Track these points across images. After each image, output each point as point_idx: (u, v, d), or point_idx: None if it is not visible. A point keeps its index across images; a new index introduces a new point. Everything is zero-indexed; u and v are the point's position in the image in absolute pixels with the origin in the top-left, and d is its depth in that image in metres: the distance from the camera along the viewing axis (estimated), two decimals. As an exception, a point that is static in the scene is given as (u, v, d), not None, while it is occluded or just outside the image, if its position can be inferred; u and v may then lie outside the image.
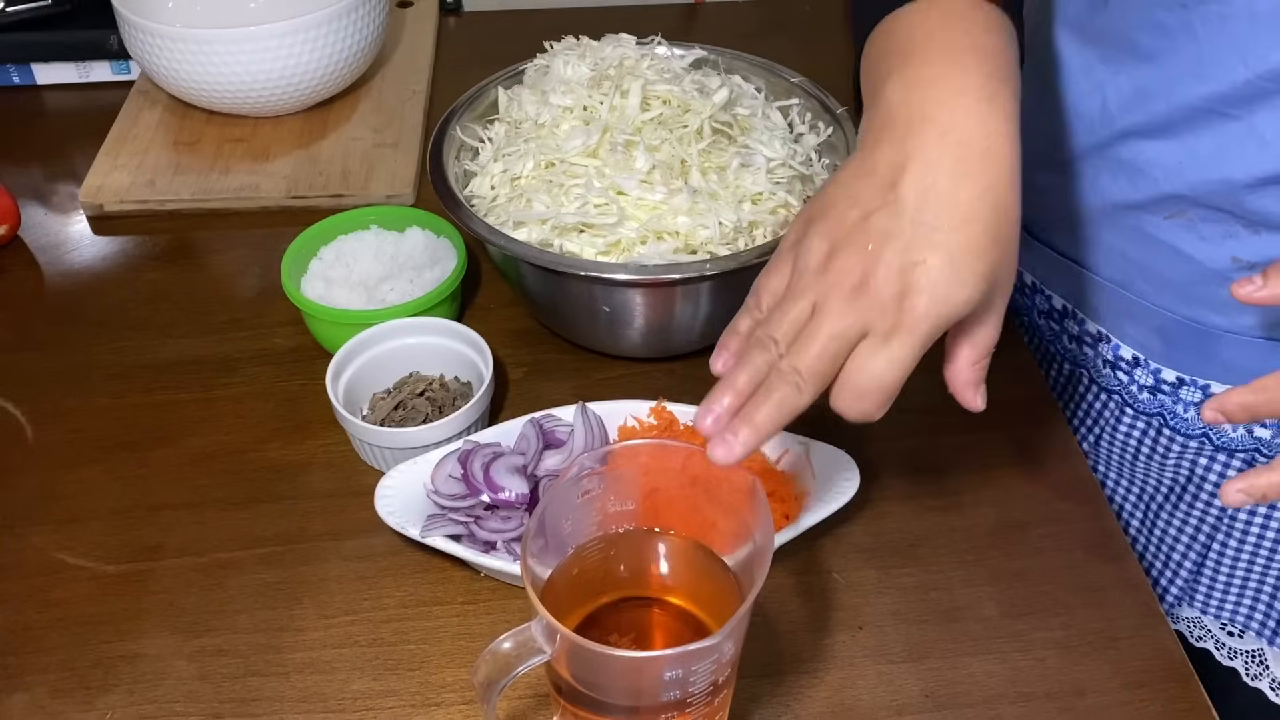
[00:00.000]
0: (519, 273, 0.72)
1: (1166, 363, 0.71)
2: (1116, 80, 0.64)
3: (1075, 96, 0.67)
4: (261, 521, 0.67)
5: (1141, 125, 0.64)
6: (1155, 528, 0.78)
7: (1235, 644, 0.78)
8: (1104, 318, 0.73)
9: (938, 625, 0.62)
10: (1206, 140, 0.61)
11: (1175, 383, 0.71)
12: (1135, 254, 0.68)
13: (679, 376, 0.76)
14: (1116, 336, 0.73)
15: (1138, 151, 0.64)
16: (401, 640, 0.61)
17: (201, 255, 0.87)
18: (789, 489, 0.64)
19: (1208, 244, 0.64)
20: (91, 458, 0.71)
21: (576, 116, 0.76)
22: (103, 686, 0.59)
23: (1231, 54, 0.57)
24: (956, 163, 0.48)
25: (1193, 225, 0.64)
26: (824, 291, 0.48)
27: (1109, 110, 0.65)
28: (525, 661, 0.46)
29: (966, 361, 0.52)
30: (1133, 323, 0.71)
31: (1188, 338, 0.68)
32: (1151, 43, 0.61)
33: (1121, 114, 0.64)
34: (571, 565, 0.51)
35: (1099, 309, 0.73)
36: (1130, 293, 0.69)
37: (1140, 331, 0.71)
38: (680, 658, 0.44)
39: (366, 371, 0.71)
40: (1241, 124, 0.59)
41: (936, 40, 0.50)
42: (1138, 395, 0.73)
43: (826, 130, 0.79)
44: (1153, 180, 0.64)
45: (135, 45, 0.92)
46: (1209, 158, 0.61)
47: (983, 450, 0.71)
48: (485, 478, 0.63)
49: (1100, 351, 0.75)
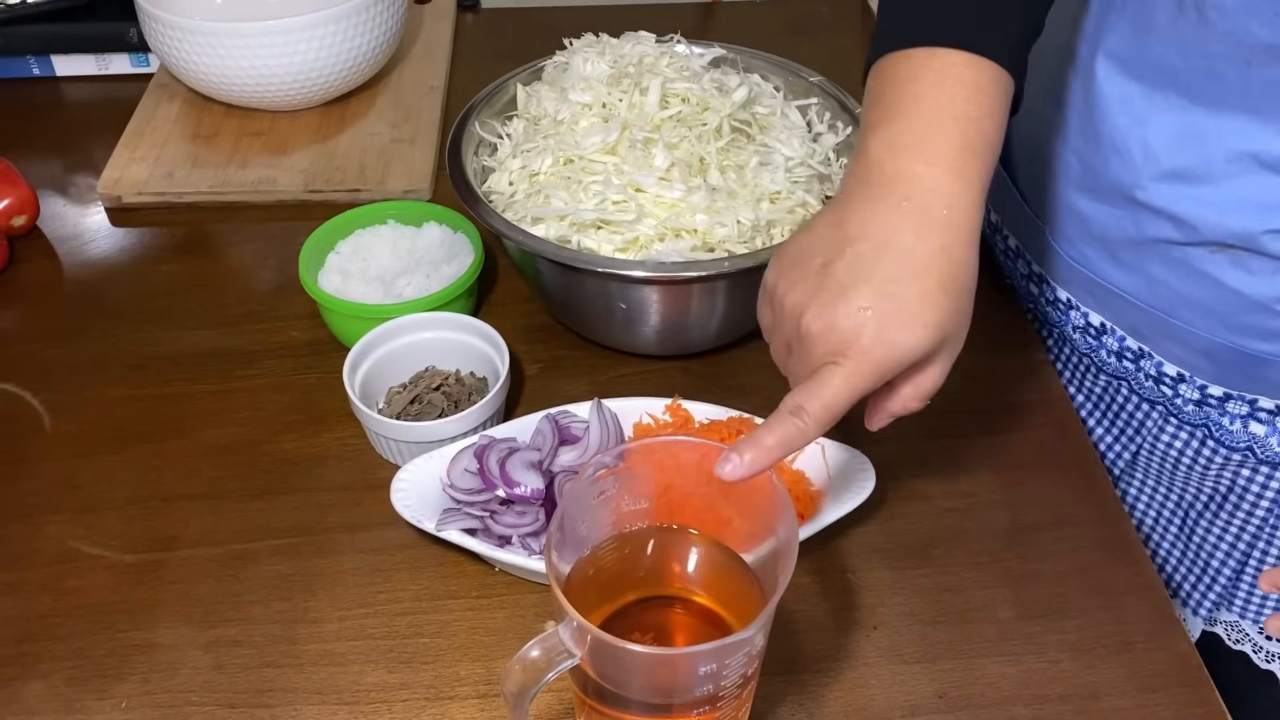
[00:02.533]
0: (536, 269, 0.72)
1: (1214, 380, 0.69)
2: (1160, 118, 0.63)
3: (1115, 129, 0.65)
4: (277, 513, 0.67)
5: (1184, 170, 0.63)
6: (1195, 535, 0.77)
7: (1274, 647, 0.77)
8: (1146, 337, 0.71)
9: (952, 626, 0.62)
10: (1254, 192, 0.60)
11: (1222, 397, 0.70)
12: (1178, 284, 0.66)
13: (695, 374, 0.76)
14: (1159, 354, 0.71)
15: (1180, 195, 0.63)
16: (416, 633, 0.61)
17: (219, 248, 0.87)
18: (804, 488, 0.64)
19: (1255, 278, 0.63)
20: (108, 448, 0.71)
21: (596, 113, 0.76)
22: (118, 675, 0.59)
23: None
24: (918, 225, 0.51)
25: (1240, 260, 0.63)
26: (793, 333, 0.53)
27: (1151, 149, 0.64)
28: (555, 667, 0.46)
29: (902, 398, 0.55)
30: (1177, 344, 0.69)
31: (1235, 360, 0.67)
32: (1204, 88, 0.60)
33: (1165, 155, 0.63)
34: (588, 565, 0.51)
35: (1140, 330, 0.71)
36: (1173, 319, 0.68)
37: (1185, 352, 0.69)
38: (715, 652, 0.45)
39: (383, 365, 0.71)
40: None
41: (924, 105, 0.53)
42: (1183, 408, 0.72)
43: (845, 130, 0.79)
44: (1192, 227, 0.63)
45: (155, 38, 0.92)
46: (1255, 210, 0.60)
47: (997, 452, 0.71)
48: (501, 472, 0.63)
49: (1142, 366, 0.73)
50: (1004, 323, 0.80)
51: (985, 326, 0.79)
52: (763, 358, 0.77)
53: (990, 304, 0.81)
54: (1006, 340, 0.79)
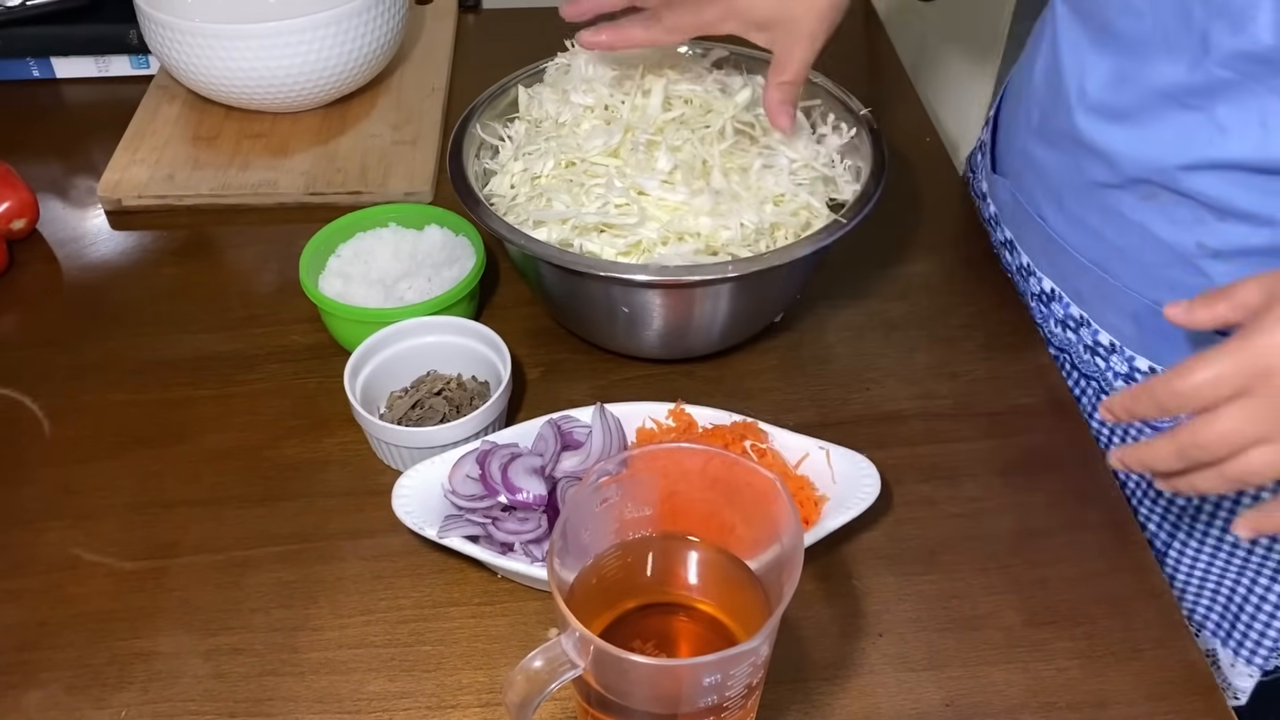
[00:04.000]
0: (538, 272, 0.72)
1: (1139, 349, 0.72)
2: (1098, 60, 0.67)
3: (1065, 71, 0.70)
4: (278, 519, 0.67)
5: (1113, 107, 0.67)
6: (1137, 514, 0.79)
7: None
8: (1086, 301, 0.75)
9: (959, 633, 0.61)
10: (1169, 129, 0.63)
11: (1147, 371, 0.73)
12: (1112, 235, 0.70)
13: (698, 378, 0.75)
14: (1096, 322, 0.74)
15: (1111, 133, 0.67)
16: (418, 641, 0.61)
17: (219, 251, 0.86)
18: (809, 494, 0.64)
19: (1177, 228, 0.66)
20: (108, 453, 0.71)
21: (598, 115, 0.75)
22: (118, 684, 0.59)
23: (1193, 40, 0.60)
24: None
25: (1164, 209, 0.66)
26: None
27: (1086, 89, 0.68)
28: (558, 678, 0.46)
29: None
30: (1110, 307, 0.73)
31: (1159, 324, 0.69)
32: (1125, 25, 0.65)
33: (1098, 93, 0.67)
34: (591, 574, 0.51)
35: (1081, 293, 0.75)
36: (1108, 275, 0.71)
37: (1116, 317, 0.73)
38: (720, 663, 0.44)
39: (384, 370, 0.71)
40: (1202, 114, 0.62)
41: None
42: (1113, 383, 0.75)
43: (849, 131, 0.78)
44: (1120, 166, 0.67)
45: (155, 40, 0.92)
46: (1171, 145, 0.64)
47: (1003, 456, 0.71)
48: (503, 479, 0.62)
49: (1081, 336, 0.76)
50: (1009, 326, 0.80)
51: (990, 330, 0.79)
52: (767, 361, 0.77)
53: (995, 307, 0.81)
54: (1012, 344, 0.78)
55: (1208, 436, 0.52)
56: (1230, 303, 0.53)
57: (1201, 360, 0.51)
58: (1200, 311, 0.54)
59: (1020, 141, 0.77)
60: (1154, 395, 0.53)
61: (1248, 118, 0.60)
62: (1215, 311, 0.54)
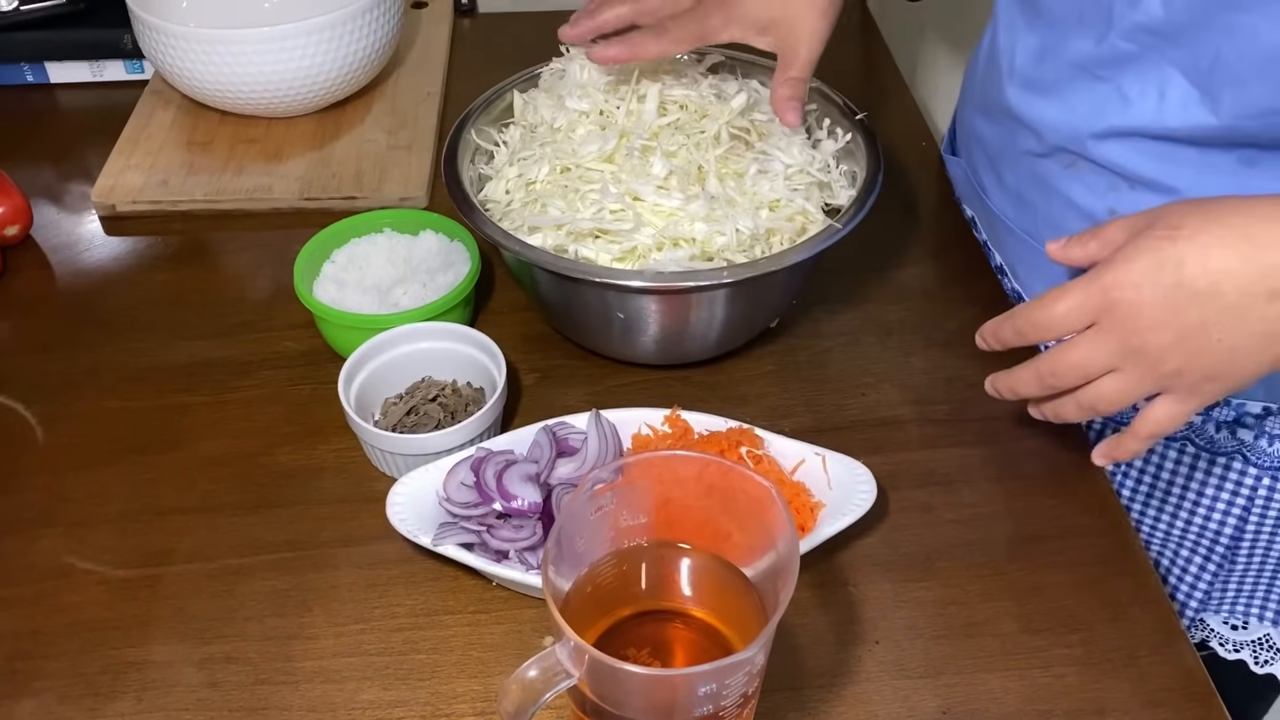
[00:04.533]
0: (533, 278, 0.72)
1: None
2: (1026, 35, 0.71)
3: (1000, 51, 0.73)
4: (272, 527, 0.66)
5: (1037, 80, 0.70)
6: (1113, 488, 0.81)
7: (1238, 636, 0.81)
8: (1020, 275, 0.77)
9: (955, 640, 0.61)
10: (1083, 99, 0.67)
11: None
12: (1040, 204, 0.73)
13: (694, 384, 0.75)
14: (1027, 294, 0.77)
15: (1034, 103, 0.70)
16: (412, 649, 0.60)
17: (214, 257, 0.86)
18: (805, 500, 0.64)
19: (1094, 195, 0.69)
20: (101, 460, 0.70)
21: (593, 121, 0.75)
22: (111, 693, 0.58)
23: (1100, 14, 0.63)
24: None
25: (1082, 176, 0.69)
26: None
27: (1016, 63, 0.71)
28: (553, 688, 0.45)
29: None
30: (1039, 278, 0.75)
31: None
32: (1050, 2, 0.68)
33: (1025, 67, 0.70)
34: (586, 582, 0.51)
35: (1015, 266, 0.77)
36: (1035, 242, 0.74)
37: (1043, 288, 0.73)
38: (716, 672, 0.44)
39: (379, 376, 0.70)
40: (1110, 85, 0.65)
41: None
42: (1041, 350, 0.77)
43: (845, 136, 0.78)
44: (1044, 136, 0.70)
45: (149, 45, 0.91)
46: (1084, 115, 0.67)
47: (1000, 462, 0.71)
48: (498, 486, 0.62)
49: None
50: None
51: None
52: (762, 367, 0.77)
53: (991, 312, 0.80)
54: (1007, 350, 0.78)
55: (1062, 365, 0.56)
56: (1100, 240, 0.57)
57: (1057, 292, 0.55)
58: (1075, 248, 0.58)
59: (967, 117, 0.81)
60: (1015, 323, 0.58)
61: (1147, 88, 0.63)
62: (1088, 249, 0.57)
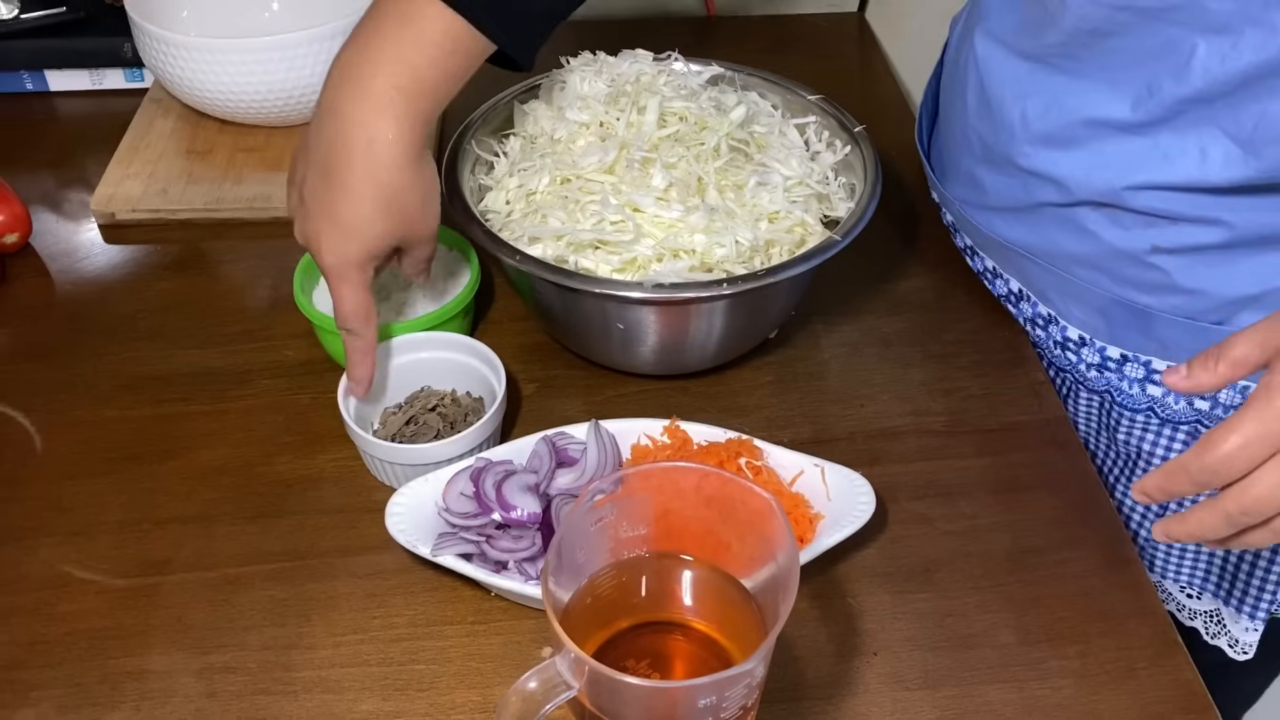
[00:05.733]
0: (533, 288, 0.72)
1: (1111, 341, 0.74)
2: (1034, 90, 0.69)
3: (1000, 103, 0.72)
4: (270, 537, 0.66)
5: (1054, 135, 0.69)
6: (1113, 494, 0.81)
7: (1194, 605, 0.83)
8: (1052, 300, 0.76)
9: (953, 652, 0.61)
10: (1114, 154, 0.66)
11: (1119, 359, 0.74)
12: (1067, 243, 0.72)
13: (693, 394, 0.75)
14: (1064, 319, 0.76)
15: (1055, 159, 0.69)
16: (411, 660, 0.60)
17: (213, 266, 0.86)
18: (804, 511, 0.64)
19: (1130, 234, 0.68)
20: (100, 469, 0.70)
21: (593, 132, 0.75)
22: (109, 703, 0.58)
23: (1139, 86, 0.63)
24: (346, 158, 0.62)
25: (1116, 218, 0.69)
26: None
27: (1027, 118, 0.70)
28: (553, 699, 0.45)
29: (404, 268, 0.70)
30: (1077, 304, 0.74)
31: (1126, 317, 0.72)
32: (1063, 63, 0.67)
33: (1038, 123, 0.69)
34: (586, 593, 0.51)
35: (1046, 292, 0.76)
36: (1070, 275, 0.73)
37: (1084, 312, 0.74)
38: (715, 685, 0.44)
39: (378, 386, 0.70)
40: (1147, 140, 0.64)
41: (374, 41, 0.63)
42: (1086, 373, 0.77)
43: (844, 148, 0.78)
44: (1068, 189, 0.69)
45: (149, 53, 0.91)
46: (1116, 170, 0.66)
47: (998, 474, 0.71)
48: (497, 496, 0.62)
49: (1051, 333, 0.78)
50: (1003, 343, 0.80)
51: (982, 347, 0.79)
52: (761, 378, 0.77)
53: (989, 324, 0.81)
54: (1006, 361, 0.79)
55: (1251, 502, 0.52)
56: (1227, 361, 0.53)
57: (1225, 429, 0.51)
58: (1201, 375, 0.54)
59: (965, 165, 0.78)
60: (1189, 472, 0.53)
61: (1187, 146, 0.63)
62: (1217, 374, 0.53)
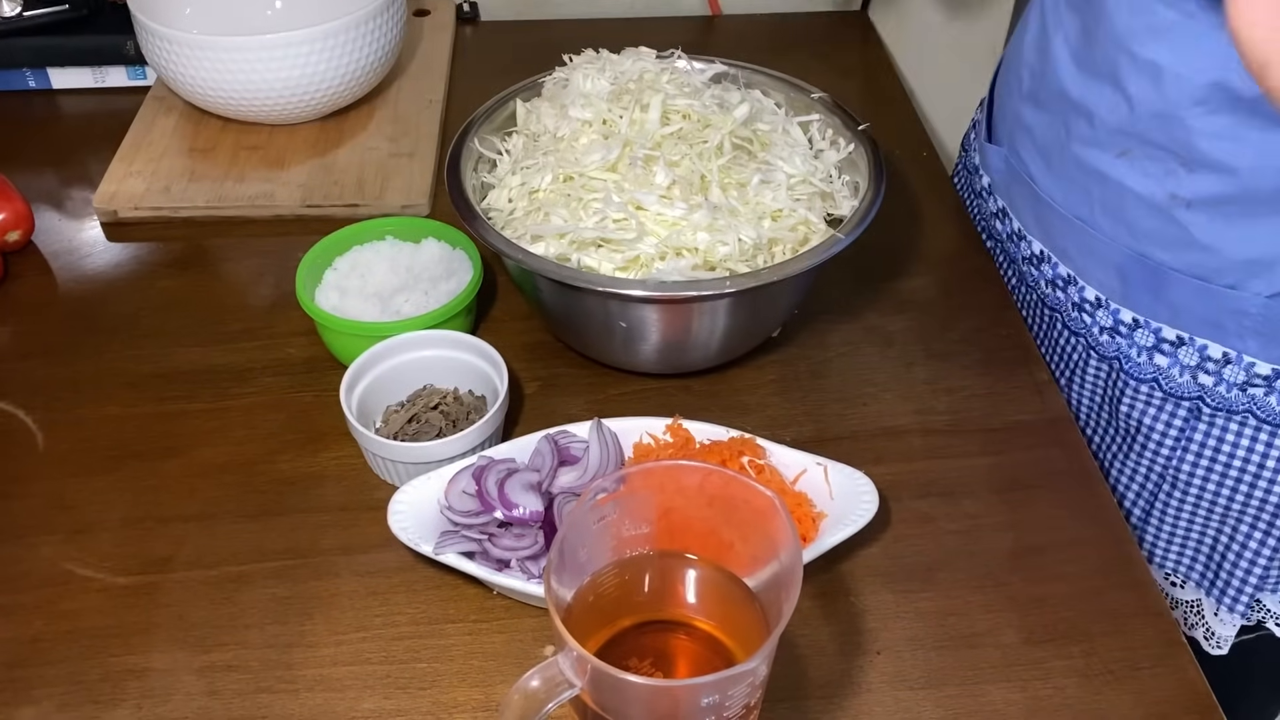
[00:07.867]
0: (535, 287, 0.72)
1: (1124, 303, 0.75)
2: (1072, 22, 0.73)
3: (1049, 39, 0.75)
4: (272, 535, 0.66)
5: (1087, 63, 0.71)
6: (1109, 476, 0.81)
7: (1177, 594, 0.83)
8: (1072, 259, 0.78)
9: (956, 651, 0.61)
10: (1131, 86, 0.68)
11: (1131, 324, 0.75)
12: (1095, 190, 0.74)
13: (696, 393, 0.75)
14: (1082, 278, 0.77)
15: (1087, 89, 0.72)
16: (413, 658, 0.60)
17: (215, 263, 0.86)
18: (807, 510, 0.64)
19: (1150, 181, 0.70)
20: (102, 467, 0.70)
21: (596, 130, 0.75)
22: (111, 701, 0.58)
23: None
24: None
25: (1137, 163, 0.70)
26: None
27: (1068, 49, 0.73)
28: (555, 698, 0.45)
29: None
30: (1096, 261, 0.76)
31: (1142, 276, 0.73)
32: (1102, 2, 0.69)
33: (1074, 52, 0.72)
34: (588, 592, 0.51)
35: (1068, 250, 0.78)
36: (1091, 228, 0.75)
37: (1102, 270, 0.75)
38: (718, 683, 0.44)
39: (380, 384, 0.70)
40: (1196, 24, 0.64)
41: None
42: (1099, 338, 0.77)
43: (847, 147, 0.78)
44: (1101, 119, 0.71)
45: (152, 51, 0.91)
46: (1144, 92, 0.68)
47: (1001, 473, 0.71)
48: (500, 494, 0.62)
49: (1069, 295, 0.79)
50: (1007, 342, 0.80)
51: (985, 346, 0.79)
52: (764, 376, 0.77)
53: (992, 322, 0.81)
54: (1009, 359, 0.78)
55: None
56: None
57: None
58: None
59: (1012, 106, 0.81)
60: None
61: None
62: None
